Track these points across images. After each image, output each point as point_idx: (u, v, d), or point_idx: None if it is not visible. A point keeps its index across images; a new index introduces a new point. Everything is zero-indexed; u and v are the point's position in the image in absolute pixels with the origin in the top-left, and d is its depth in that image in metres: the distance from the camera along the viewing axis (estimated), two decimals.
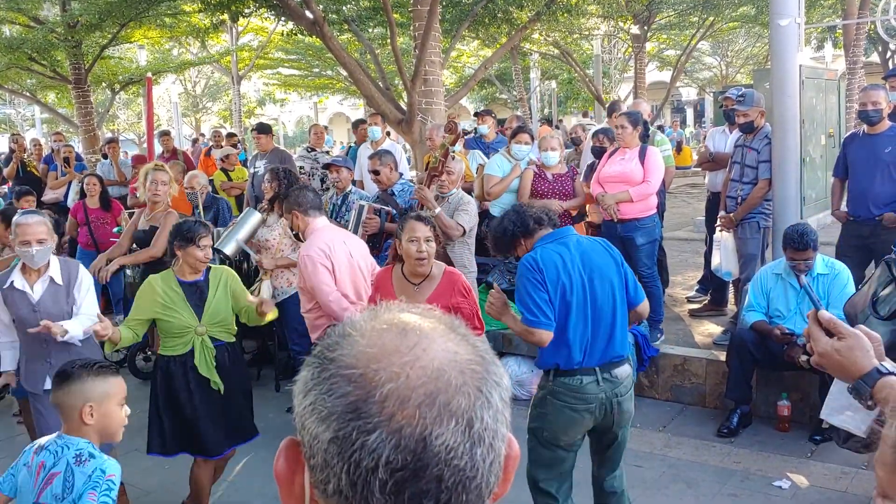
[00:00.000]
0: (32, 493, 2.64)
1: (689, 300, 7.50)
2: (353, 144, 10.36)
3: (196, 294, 4.29)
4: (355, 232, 6.16)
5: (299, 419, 0.76)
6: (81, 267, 4.30)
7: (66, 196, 10.47)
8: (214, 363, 4.27)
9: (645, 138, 6.36)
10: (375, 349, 0.74)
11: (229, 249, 5.53)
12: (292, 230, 4.92)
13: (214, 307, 4.29)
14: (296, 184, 5.65)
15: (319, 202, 4.81)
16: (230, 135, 14.37)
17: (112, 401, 2.78)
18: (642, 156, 6.16)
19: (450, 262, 5.59)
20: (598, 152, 6.93)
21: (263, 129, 9.10)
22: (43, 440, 2.77)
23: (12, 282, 4.19)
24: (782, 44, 5.92)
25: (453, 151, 6.16)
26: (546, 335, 3.42)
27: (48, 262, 4.19)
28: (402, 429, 0.70)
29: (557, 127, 20.98)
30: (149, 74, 9.63)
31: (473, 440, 0.72)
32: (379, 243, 6.28)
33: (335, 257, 4.66)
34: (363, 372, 0.72)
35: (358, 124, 10.17)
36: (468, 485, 0.72)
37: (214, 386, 4.27)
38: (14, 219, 4.22)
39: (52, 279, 4.21)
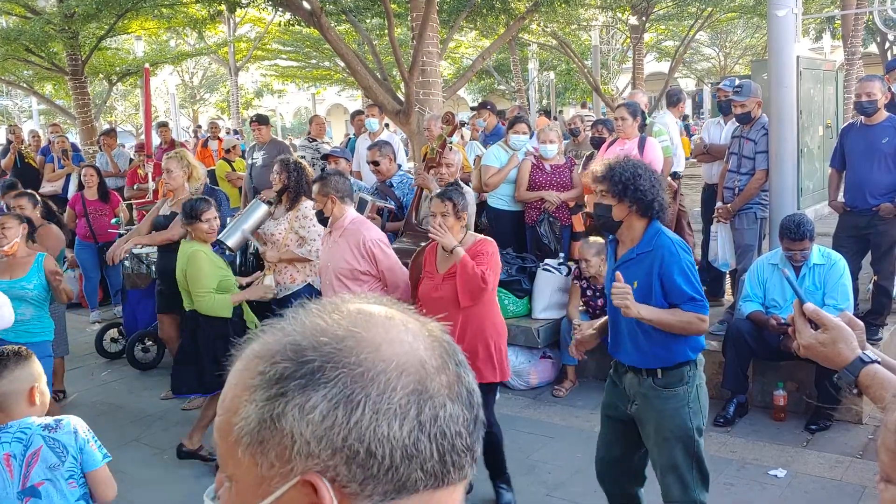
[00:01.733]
0: (12, 484, 2.66)
1: None
2: (352, 136, 10.37)
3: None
4: None
5: (344, 436, 0.72)
6: None
7: (64, 189, 10.46)
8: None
9: (643, 129, 6.37)
10: (386, 340, 0.77)
11: (233, 241, 5.46)
12: (323, 214, 4.86)
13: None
14: (305, 175, 5.61)
15: (350, 190, 4.92)
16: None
17: (44, 378, 2.84)
18: (641, 146, 6.17)
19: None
20: (597, 143, 6.95)
21: (263, 121, 9.09)
22: None
23: None
24: (780, 35, 5.93)
25: (451, 143, 6.17)
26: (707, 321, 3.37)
27: None
28: (456, 388, 0.78)
29: (556, 118, 20.98)
30: (146, 65, 9.60)
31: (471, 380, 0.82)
32: None
33: None
34: (400, 360, 0.76)
35: (356, 115, 10.20)
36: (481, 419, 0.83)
37: (253, 325, 4.89)
38: None
39: None
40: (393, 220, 6.34)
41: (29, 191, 6.34)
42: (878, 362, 1.67)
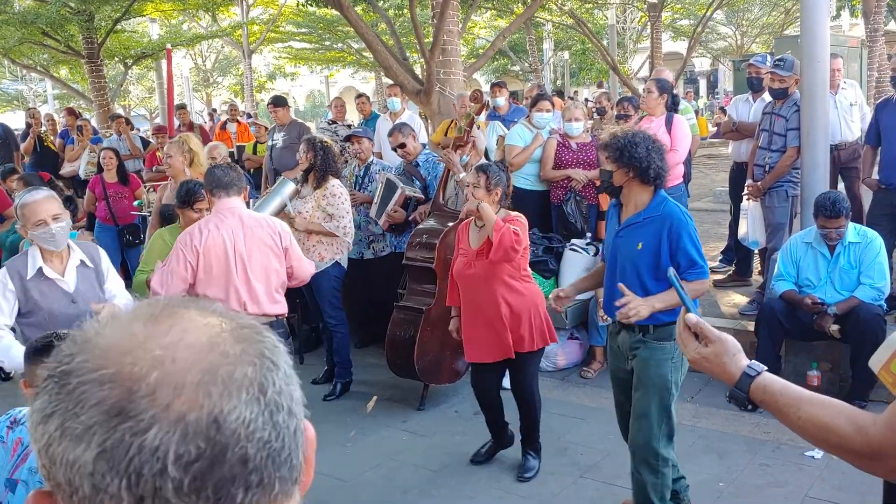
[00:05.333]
0: (6, 468, 2.56)
1: (713, 271, 7.42)
2: (362, 119, 10.30)
3: None
4: (381, 208, 6.09)
5: (44, 456, 0.63)
6: (100, 248, 3.91)
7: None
8: None
9: (672, 108, 6.27)
10: (124, 341, 0.64)
11: None
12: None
13: None
14: (331, 154, 5.57)
15: (227, 182, 4.11)
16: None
17: None
18: (669, 124, 6.08)
19: None
20: (623, 120, 6.84)
21: (279, 103, 9.01)
22: (18, 414, 2.64)
23: (40, 269, 3.60)
24: (812, 9, 5.80)
25: (478, 121, 6.09)
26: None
27: (69, 245, 3.71)
28: (186, 415, 0.61)
29: (571, 98, 20.78)
30: (167, 45, 9.54)
31: (271, 407, 0.65)
32: (402, 229, 6.24)
33: (206, 250, 3.99)
34: (117, 369, 0.62)
35: (359, 97, 10.15)
36: (277, 458, 0.65)
37: None
38: (18, 200, 3.70)
39: (83, 262, 3.73)
40: (419, 202, 6.26)
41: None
42: (768, 370, 1.60)
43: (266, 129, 10.57)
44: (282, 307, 4.32)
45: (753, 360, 1.61)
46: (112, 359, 0.62)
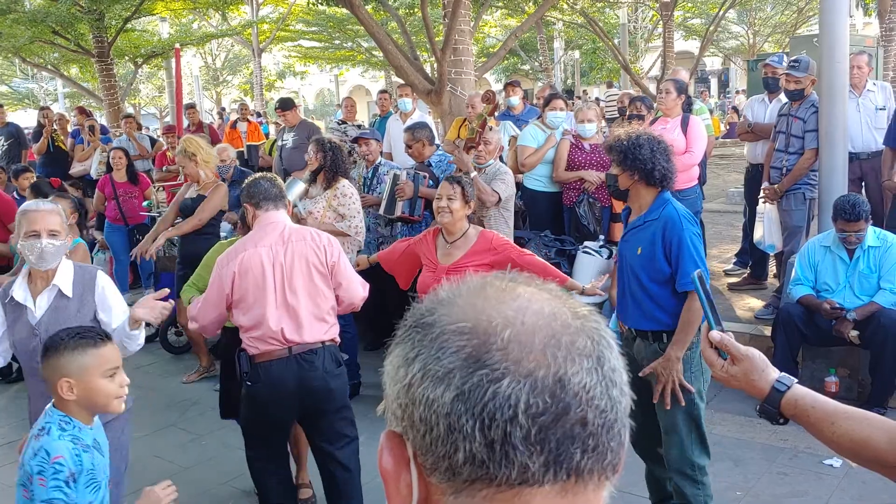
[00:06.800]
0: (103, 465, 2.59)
1: (728, 273, 7.34)
2: (377, 116, 10.23)
3: None
4: (390, 204, 6.03)
5: (404, 396, 0.71)
6: (100, 274, 3.40)
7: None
8: None
9: (688, 108, 6.19)
10: (479, 302, 0.71)
11: None
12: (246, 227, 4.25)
13: None
14: (341, 155, 5.50)
15: (276, 193, 3.84)
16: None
17: (93, 374, 2.51)
18: (684, 125, 5.99)
19: None
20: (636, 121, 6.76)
21: (286, 106, 8.66)
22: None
23: (12, 296, 3.22)
24: (832, 8, 5.70)
25: (490, 121, 6.02)
26: None
27: (57, 268, 3.25)
28: (534, 371, 0.67)
29: (580, 97, 20.71)
30: (176, 45, 9.51)
31: (607, 380, 0.71)
32: (413, 207, 6.13)
33: (242, 271, 3.65)
34: (474, 324, 0.69)
35: (381, 94, 10.08)
36: (611, 429, 0.70)
37: None
38: (21, 206, 3.39)
39: (59, 291, 3.23)
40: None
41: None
42: (798, 382, 1.56)
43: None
44: (324, 331, 3.74)
45: (783, 374, 1.58)
46: (469, 315, 0.70)
